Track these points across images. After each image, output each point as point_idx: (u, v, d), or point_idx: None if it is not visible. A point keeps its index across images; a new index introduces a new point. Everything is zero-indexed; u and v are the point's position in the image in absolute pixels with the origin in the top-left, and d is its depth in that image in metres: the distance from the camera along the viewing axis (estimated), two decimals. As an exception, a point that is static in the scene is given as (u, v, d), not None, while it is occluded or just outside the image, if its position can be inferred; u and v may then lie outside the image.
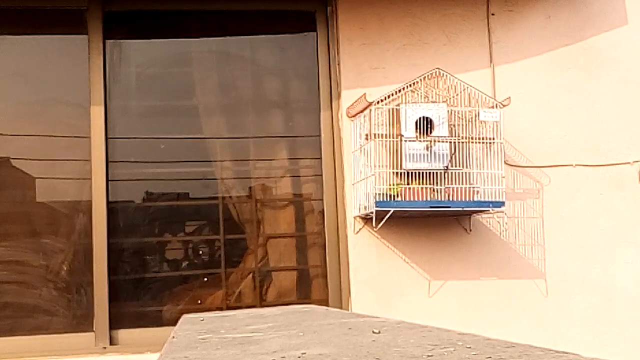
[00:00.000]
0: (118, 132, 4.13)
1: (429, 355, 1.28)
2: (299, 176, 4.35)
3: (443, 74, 3.88)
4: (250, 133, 4.33)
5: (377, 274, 4.05)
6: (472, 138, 3.87)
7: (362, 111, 3.92)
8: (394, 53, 4.19)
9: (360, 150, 3.96)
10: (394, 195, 3.77)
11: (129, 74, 4.26)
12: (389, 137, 3.81)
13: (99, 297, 3.95)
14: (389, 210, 3.71)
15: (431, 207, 3.75)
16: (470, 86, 3.87)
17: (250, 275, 4.23)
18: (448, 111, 3.84)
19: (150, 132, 4.24)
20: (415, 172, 3.78)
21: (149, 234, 4.19)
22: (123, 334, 3.99)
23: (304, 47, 4.37)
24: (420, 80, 3.89)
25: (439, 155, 3.79)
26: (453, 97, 3.92)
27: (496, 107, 3.86)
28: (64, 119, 4.18)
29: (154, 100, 4.34)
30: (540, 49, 4.31)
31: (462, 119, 3.93)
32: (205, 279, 4.21)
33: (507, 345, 1.36)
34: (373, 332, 1.70)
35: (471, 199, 3.81)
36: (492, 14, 4.28)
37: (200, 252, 4.29)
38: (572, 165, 4.25)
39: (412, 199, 3.75)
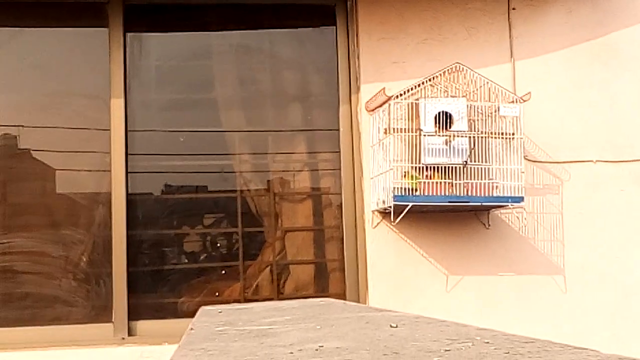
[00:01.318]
0: (138, 124, 4.15)
1: (446, 350, 1.28)
2: (317, 170, 4.35)
3: (463, 69, 3.86)
4: (269, 126, 4.33)
5: (395, 268, 4.04)
6: (491, 133, 3.85)
7: (381, 105, 3.91)
8: (413, 47, 4.18)
9: (379, 145, 3.96)
10: (412, 190, 3.76)
11: (149, 67, 4.28)
12: (408, 132, 3.80)
13: (118, 288, 3.98)
14: (407, 205, 3.71)
15: (450, 201, 3.74)
16: (490, 81, 3.85)
17: (268, 268, 4.24)
18: (467, 106, 3.82)
19: (170, 125, 4.26)
20: (434, 167, 3.77)
21: (167, 226, 4.22)
22: (141, 325, 4.01)
23: (324, 41, 4.36)
24: (440, 74, 3.88)
25: (458, 150, 3.77)
26: (473, 91, 3.90)
27: (516, 102, 3.84)
28: (85, 111, 4.21)
29: (174, 93, 4.35)
30: (561, 44, 4.28)
31: (482, 113, 3.91)
32: (223, 272, 4.23)
33: (525, 340, 1.36)
34: (391, 326, 1.70)
35: (490, 194, 3.79)
36: (513, 9, 4.25)
37: (218, 245, 4.31)
38: (592, 161, 4.22)
39: (430, 194, 3.74)
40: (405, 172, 3.79)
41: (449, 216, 4.09)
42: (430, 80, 3.87)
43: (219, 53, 4.41)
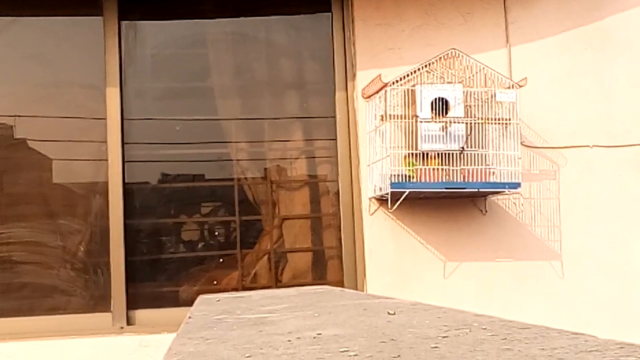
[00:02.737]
0: (134, 113, 4.14)
1: (444, 337, 1.28)
2: (314, 157, 4.35)
3: (459, 55, 3.85)
4: (266, 114, 4.33)
5: (393, 255, 4.05)
6: (488, 119, 3.85)
7: (377, 92, 3.90)
8: (409, 33, 4.17)
9: (376, 132, 3.95)
10: (409, 177, 3.76)
11: (145, 56, 4.27)
12: (405, 118, 3.80)
13: (116, 277, 3.98)
14: (404, 192, 3.71)
15: (447, 188, 3.75)
16: (486, 66, 3.84)
17: (266, 256, 4.24)
18: (464, 92, 3.82)
19: (166, 114, 4.25)
20: (431, 153, 3.77)
21: (165, 215, 4.21)
22: (140, 314, 4.02)
23: (319, 27, 4.35)
24: (436, 60, 3.87)
25: (454, 136, 3.77)
26: (469, 77, 3.89)
27: (512, 87, 3.83)
28: (80, 100, 4.20)
29: (170, 82, 4.34)
30: (557, 29, 4.27)
31: (478, 99, 3.90)
32: (221, 260, 4.23)
33: (522, 326, 1.36)
34: (388, 313, 1.71)
35: (487, 180, 3.79)
36: (509, -6, 4.24)
37: (216, 234, 4.31)
38: (589, 146, 4.22)
39: (427, 180, 3.74)
40: (405, 156, 3.79)
41: (446, 202, 4.09)
42: (426, 66, 3.86)
43: (214, 41, 4.39)
